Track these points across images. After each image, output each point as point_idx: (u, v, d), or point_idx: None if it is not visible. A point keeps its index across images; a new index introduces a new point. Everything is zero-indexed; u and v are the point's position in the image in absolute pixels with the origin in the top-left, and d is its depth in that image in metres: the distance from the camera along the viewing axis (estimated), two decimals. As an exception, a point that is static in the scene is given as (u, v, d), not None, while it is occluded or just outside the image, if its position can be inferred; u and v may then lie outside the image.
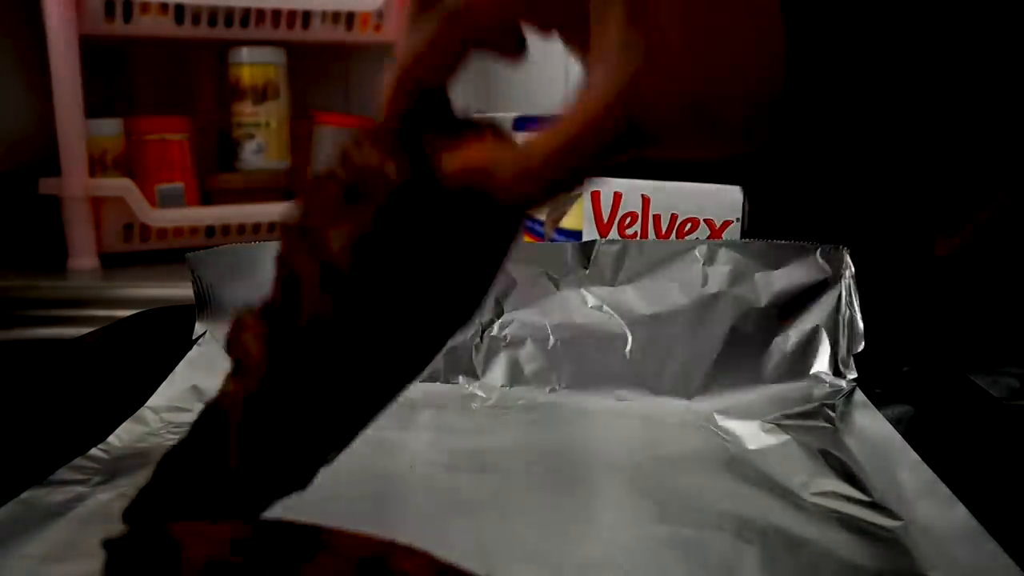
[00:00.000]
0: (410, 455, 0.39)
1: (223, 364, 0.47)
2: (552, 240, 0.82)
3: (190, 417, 0.44)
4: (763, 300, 0.46)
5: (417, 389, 0.47)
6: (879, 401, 0.42)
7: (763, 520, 0.33)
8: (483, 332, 0.49)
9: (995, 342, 0.58)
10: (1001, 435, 0.37)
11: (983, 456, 0.37)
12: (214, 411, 0.27)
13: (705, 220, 0.51)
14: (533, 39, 0.32)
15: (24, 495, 0.34)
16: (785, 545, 0.31)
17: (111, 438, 0.40)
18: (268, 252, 0.49)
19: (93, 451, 0.39)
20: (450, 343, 0.48)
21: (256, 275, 0.49)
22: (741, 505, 0.34)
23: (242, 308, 0.28)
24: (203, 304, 0.49)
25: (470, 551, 0.30)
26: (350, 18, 0.95)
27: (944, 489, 0.33)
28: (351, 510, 0.33)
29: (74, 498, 0.34)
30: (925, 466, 0.35)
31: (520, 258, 0.49)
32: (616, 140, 0.25)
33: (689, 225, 0.52)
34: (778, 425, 0.42)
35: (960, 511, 0.32)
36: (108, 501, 0.34)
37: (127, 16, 0.84)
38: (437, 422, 0.44)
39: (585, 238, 0.56)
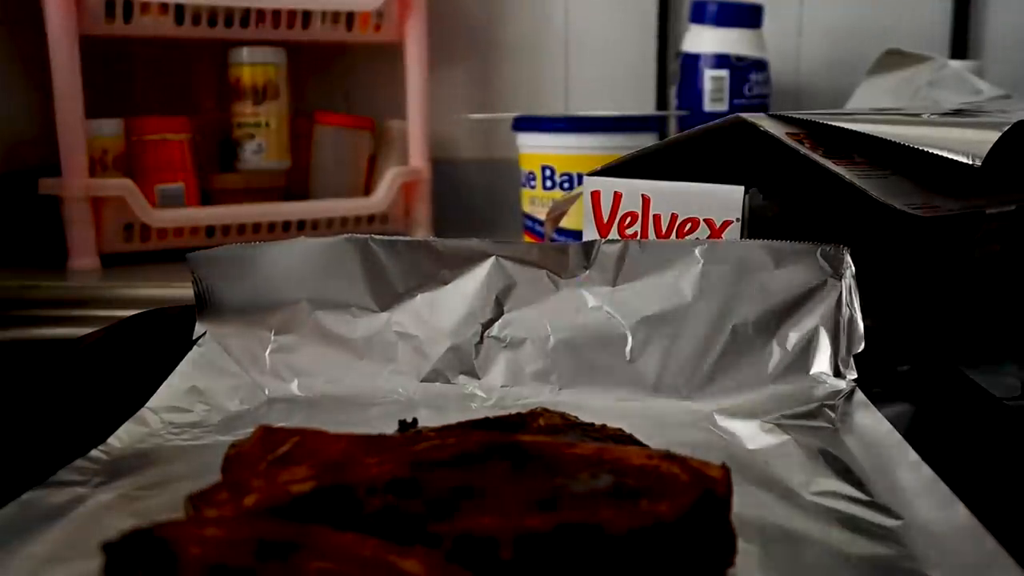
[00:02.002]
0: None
1: (223, 365, 0.47)
2: (552, 240, 0.82)
3: (190, 418, 0.44)
4: (763, 300, 0.46)
5: (417, 389, 0.47)
6: (879, 400, 0.42)
7: (762, 519, 0.33)
8: (483, 332, 0.49)
9: (995, 341, 0.58)
10: (1001, 434, 0.37)
11: (983, 455, 0.37)
12: None
13: (705, 220, 0.51)
14: (534, 37, 0.32)
15: (24, 496, 0.34)
16: (785, 544, 0.31)
17: (111, 439, 0.40)
18: (268, 252, 0.49)
19: (93, 452, 0.39)
20: (450, 343, 0.48)
21: (256, 275, 0.49)
22: (740, 504, 0.34)
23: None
24: (203, 304, 0.49)
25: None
26: (350, 18, 0.96)
27: (944, 488, 0.33)
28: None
29: (74, 499, 0.34)
30: (925, 465, 0.35)
31: (520, 258, 0.49)
32: None
33: (689, 225, 0.52)
34: (778, 425, 0.42)
35: (960, 510, 0.32)
36: (108, 502, 0.34)
37: (127, 16, 0.84)
38: (436, 422, 0.44)
39: (585, 238, 0.56)
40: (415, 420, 0.37)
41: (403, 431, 0.37)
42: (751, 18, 0.96)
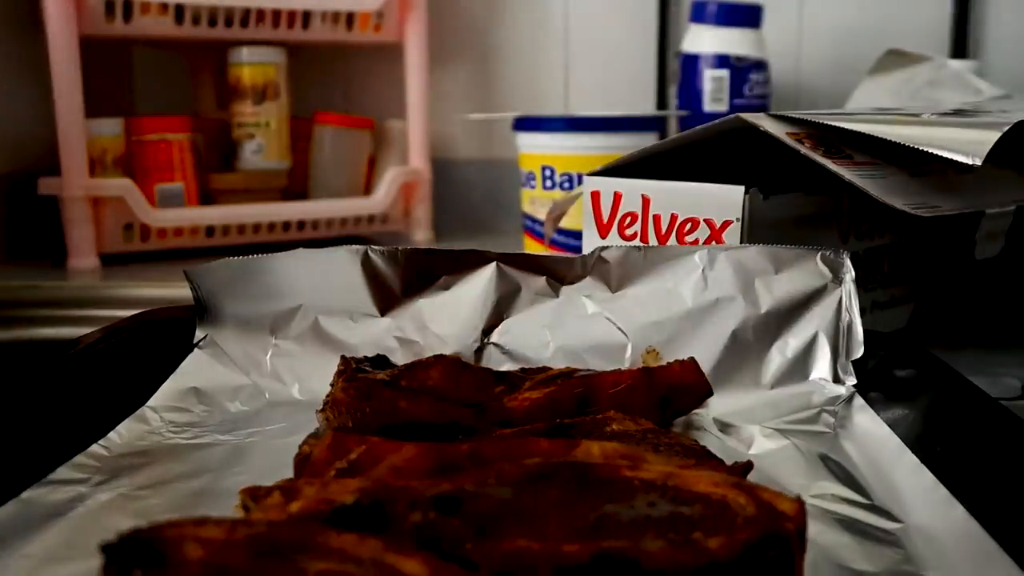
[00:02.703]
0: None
1: (224, 367, 0.47)
2: (552, 240, 0.82)
3: (190, 417, 0.44)
4: (763, 306, 0.46)
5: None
6: (878, 403, 0.42)
7: (763, 522, 0.33)
8: (483, 338, 0.49)
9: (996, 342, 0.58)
10: (1001, 436, 0.37)
11: (983, 457, 0.37)
12: None
13: (705, 220, 0.51)
14: (534, 37, 0.32)
15: (24, 494, 0.34)
16: (785, 547, 0.31)
17: (111, 434, 0.40)
18: (267, 263, 0.49)
19: (93, 447, 0.39)
20: (450, 349, 0.48)
21: (256, 285, 0.49)
22: (741, 507, 0.34)
23: None
24: (203, 312, 0.49)
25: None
26: (350, 18, 0.95)
27: (943, 491, 0.33)
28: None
29: (74, 498, 0.35)
30: (924, 468, 0.35)
31: (520, 264, 0.49)
32: None
33: (689, 225, 0.52)
34: (778, 430, 0.42)
35: (959, 512, 0.32)
36: (108, 501, 0.35)
37: (127, 16, 0.84)
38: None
39: (585, 238, 0.56)
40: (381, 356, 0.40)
41: (375, 365, 0.39)
42: (751, 18, 0.96)
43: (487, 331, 0.49)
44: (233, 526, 0.25)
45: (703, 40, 0.96)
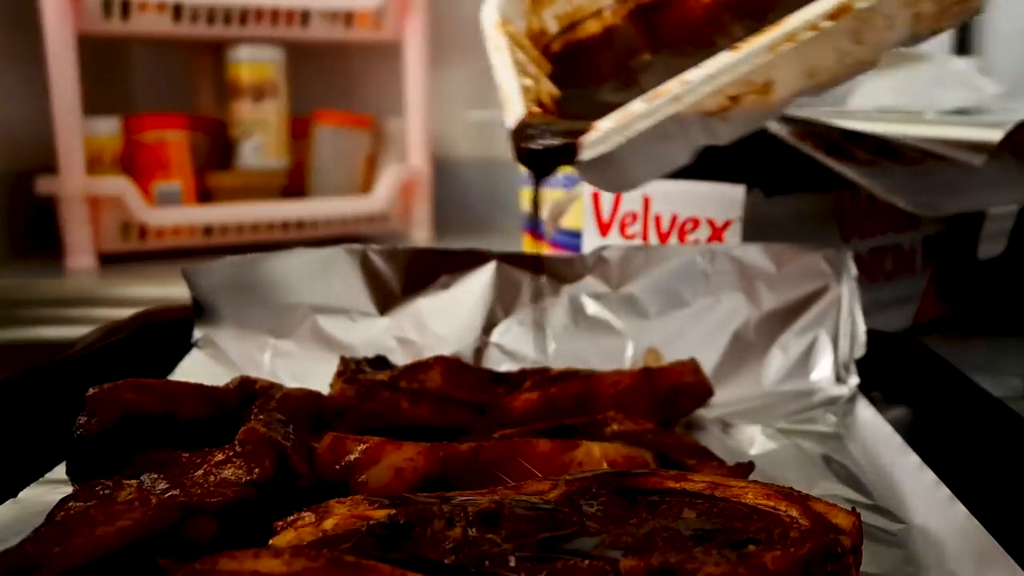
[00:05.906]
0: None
1: (222, 367, 0.47)
2: (553, 239, 0.82)
3: (188, 419, 0.44)
4: (765, 305, 0.46)
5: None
6: (880, 403, 0.42)
7: (765, 523, 0.32)
8: (483, 338, 0.48)
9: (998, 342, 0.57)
10: (1003, 436, 0.37)
11: (984, 457, 0.36)
12: None
13: (707, 219, 0.51)
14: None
15: (21, 494, 0.34)
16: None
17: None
18: (265, 263, 0.49)
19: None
20: (450, 349, 0.48)
21: (254, 284, 0.49)
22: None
23: None
24: (201, 312, 0.49)
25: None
26: (349, 17, 0.95)
27: (945, 491, 0.33)
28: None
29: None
30: (926, 468, 0.35)
31: (520, 264, 0.49)
32: None
33: (690, 224, 0.51)
34: (780, 430, 0.41)
35: (961, 512, 0.31)
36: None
37: (125, 14, 0.84)
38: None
39: (586, 238, 0.56)
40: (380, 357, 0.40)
41: (374, 366, 0.39)
42: (751, 17, 0.95)
43: (487, 331, 0.48)
44: (287, 559, 0.23)
45: (703, 39, 0.95)
